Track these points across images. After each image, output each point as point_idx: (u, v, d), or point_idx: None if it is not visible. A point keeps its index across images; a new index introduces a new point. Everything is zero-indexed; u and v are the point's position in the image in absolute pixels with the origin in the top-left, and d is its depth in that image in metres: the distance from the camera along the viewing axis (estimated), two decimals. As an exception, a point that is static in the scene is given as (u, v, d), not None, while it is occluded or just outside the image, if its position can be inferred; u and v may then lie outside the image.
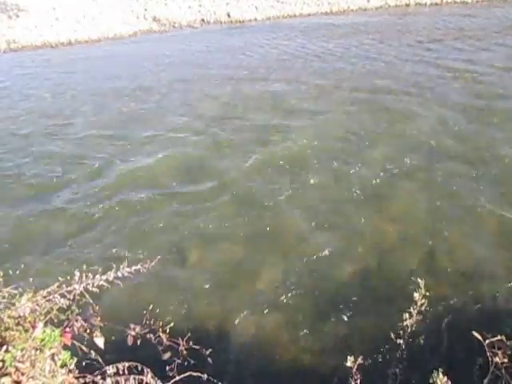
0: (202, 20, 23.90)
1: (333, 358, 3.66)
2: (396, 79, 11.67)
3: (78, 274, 2.11)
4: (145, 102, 11.37)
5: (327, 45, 15.98)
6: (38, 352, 1.54)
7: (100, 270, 2.23)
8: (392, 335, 2.76)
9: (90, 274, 2.17)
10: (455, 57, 13.43)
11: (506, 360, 2.64)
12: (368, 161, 7.43)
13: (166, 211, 6.44)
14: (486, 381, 2.69)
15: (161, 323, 2.29)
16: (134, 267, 2.36)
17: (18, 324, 1.68)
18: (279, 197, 6.56)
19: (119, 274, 2.30)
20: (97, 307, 2.04)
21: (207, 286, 4.90)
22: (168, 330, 2.26)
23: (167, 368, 2.14)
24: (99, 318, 2.04)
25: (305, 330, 4.17)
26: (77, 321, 1.94)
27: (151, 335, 2.24)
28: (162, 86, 12.67)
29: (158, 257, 2.75)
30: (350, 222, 5.89)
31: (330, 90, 11.17)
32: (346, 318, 4.26)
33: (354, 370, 2.11)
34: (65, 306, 1.93)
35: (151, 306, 2.52)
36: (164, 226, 6.11)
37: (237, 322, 4.35)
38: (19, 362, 1.48)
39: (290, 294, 4.66)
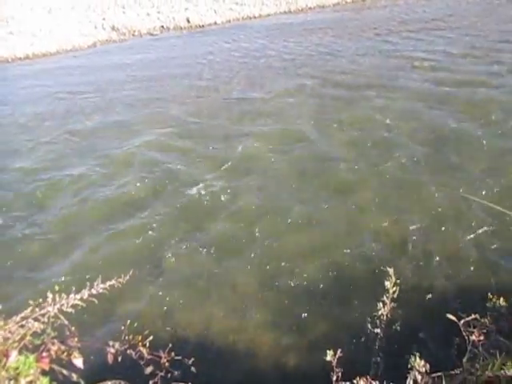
0: (162, 27, 23.70)
1: (315, 354, 3.70)
2: (358, 73, 11.90)
3: (50, 295, 2.07)
4: (107, 115, 11.17)
5: (288, 44, 16.13)
6: (13, 382, 1.51)
7: (74, 288, 2.19)
8: (369, 325, 2.82)
9: (63, 294, 2.13)
10: (413, 47, 13.80)
11: (482, 337, 2.74)
12: (334, 154, 7.57)
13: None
14: (464, 359, 2.78)
15: (140, 337, 2.26)
16: (108, 283, 2.33)
17: (-12, 355, 1.63)
18: (249, 195, 6.60)
19: (94, 292, 2.27)
20: (73, 328, 2.01)
21: (184, 294, 4.90)
22: (148, 344, 2.24)
23: (150, 382, 2.12)
24: (76, 339, 2.01)
25: (286, 329, 4.22)
26: (53, 344, 1.90)
27: (131, 351, 2.22)
28: (124, 96, 12.50)
29: (132, 270, 2.72)
30: (321, 216, 5.98)
31: (293, 88, 11.28)
32: (324, 314, 4.34)
33: (335, 364, 2.15)
34: (39, 331, 1.89)
35: (129, 321, 2.50)
36: (137, 228, 6.06)
37: (218, 327, 4.37)
38: (-7, 395, 1.44)
39: (268, 295, 4.71)
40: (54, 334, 1.90)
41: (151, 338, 2.25)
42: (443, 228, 5.38)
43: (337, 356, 2.15)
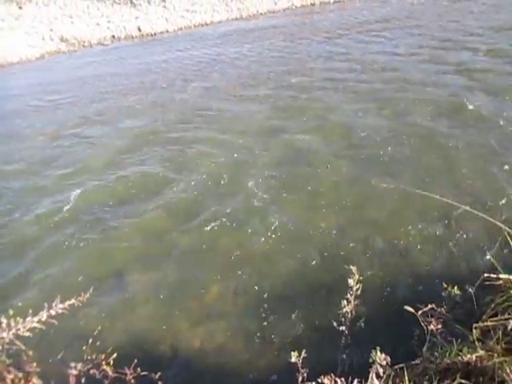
0: (113, 36, 23.29)
1: (283, 356, 3.75)
2: (310, 76, 12.14)
3: (5, 320, 1.99)
4: (63, 126, 10.87)
5: (241, 50, 16.23)
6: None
7: (30, 311, 2.13)
8: (334, 324, 2.88)
9: (19, 318, 2.05)
10: (362, 49, 14.22)
11: (439, 326, 2.85)
12: (290, 155, 7.71)
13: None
14: (424, 349, 2.89)
15: (103, 355, 2.21)
16: (67, 302, 2.26)
17: None
18: (215, 203, 6.59)
19: (52, 313, 2.19)
20: (30, 352, 1.94)
21: (149, 306, 4.83)
22: (112, 362, 2.19)
23: (116, 401, 2.07)
24: (35, 364, 1.94)
25: (253, 334, 4.23)
26: (9, 372, 1.83)
27: (95, 370, 2.16)
28: (79, 109, 12.19)
29: (92, 287, 2.67)
30: (280, 217, 6.04)
31: (249, 93, 11.37)
32: (290, 315, 4.38)
33: (300, 365, 2.18)
34: (-7, 359, 1.81)
35: (90, 339, 2.44)
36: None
37: (185, 338, 4.33)
38: None
39: (234, 301, 4.71)
40: (10, 361, 1.83)
41: (115, 355, 2.20)
42: (399, 223, 5.58)
43: (301, 357, 2.18)
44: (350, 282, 2.93)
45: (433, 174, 6.59)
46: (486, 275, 2.95)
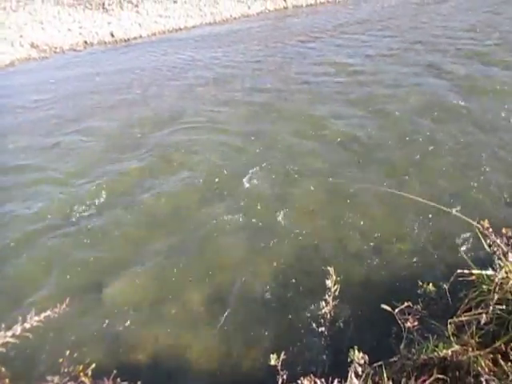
0: (85, 42, 22.89)
1: (265, 359, 3.75)
2: (285, 79, 12.23)
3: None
4: (34, 137, 10.61)
5: (216, 54, 16.21)
6: None
7: (3, 325, 2.08)
8: (314, 325, 2.91)
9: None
10: (335, 52, 14.42)
11: (416, 323, 2.91)
12: (266, 158, 7.74)
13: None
14: (401, 346, 2.94)
15: (81, 367, 2.18)
16: (43, 314, 2.22)
17: None
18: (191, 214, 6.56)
19: (27, 326, 2.15)
20: (2, 368, 1.89)
21: (128, 316, 4.76)
22: (91, 373, 2.16)
23: (95, 412, 2.04)
24: (8, 380, 1.89)
25: (235, 339, 4.23)
26: (-18, 389, 1.78)
27: (73, 382, 2.13)
28: (52, 117, 11.92)
29: (68, 298, 2.62)
30: (257, 221, 6.07)
31: (223, 98, 11.37)
32: (271, 319, 4.40)
33: (279, 367, 2.20)
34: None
35: (68, 351, 2.40)
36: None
37: (166, 346, 4.28)
38: None
39: (214, 307, 4.70)
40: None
41: (94, 366, 2.17)
42: (375, 224, 5.67)
43: (280, 359, 2.20)
44: (328, 283, 2.97)
45: (407, 171, 6.73)
46: (459, 271, 3.02)
